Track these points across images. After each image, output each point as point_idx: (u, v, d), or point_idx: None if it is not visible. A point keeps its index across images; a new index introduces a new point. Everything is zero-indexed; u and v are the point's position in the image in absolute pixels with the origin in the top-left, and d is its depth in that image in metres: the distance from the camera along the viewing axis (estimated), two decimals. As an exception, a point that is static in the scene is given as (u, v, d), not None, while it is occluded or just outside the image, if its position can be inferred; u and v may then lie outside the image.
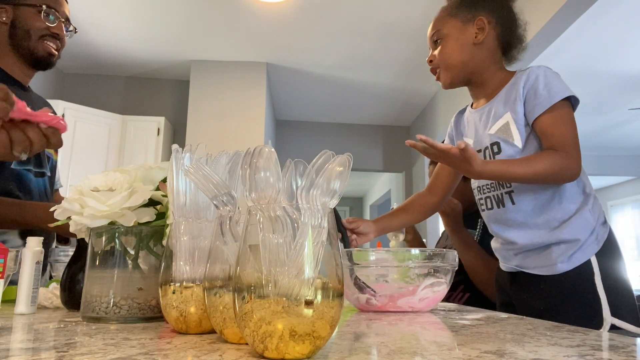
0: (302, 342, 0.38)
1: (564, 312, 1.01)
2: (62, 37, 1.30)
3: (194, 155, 0.58)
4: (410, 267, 0.83)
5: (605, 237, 1.05)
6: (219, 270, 0.48)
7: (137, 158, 4.15)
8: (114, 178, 0.68)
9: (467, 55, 1.13)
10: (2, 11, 1.25)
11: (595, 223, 1.05)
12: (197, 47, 4.05)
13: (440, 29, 1.15)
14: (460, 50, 1.13)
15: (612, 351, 0.43)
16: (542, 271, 1.07)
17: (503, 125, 1.09)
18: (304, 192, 0.42)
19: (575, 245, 1.03)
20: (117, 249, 0.66)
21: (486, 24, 1.12)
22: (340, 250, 0.54)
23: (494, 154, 1.11)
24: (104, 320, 0.62)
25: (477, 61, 1.14)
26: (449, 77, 1.16)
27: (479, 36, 1.12)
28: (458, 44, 1.13)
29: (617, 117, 5.21)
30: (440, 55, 1.15)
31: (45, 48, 1.27)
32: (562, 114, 1.02)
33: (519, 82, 1.08)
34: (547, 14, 2.65)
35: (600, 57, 3.88)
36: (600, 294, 1.00)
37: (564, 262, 1.03)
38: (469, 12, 1.13)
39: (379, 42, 3.84)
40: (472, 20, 1.13)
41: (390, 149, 5.90)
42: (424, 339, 0.53)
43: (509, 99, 1.10)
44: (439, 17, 1.18)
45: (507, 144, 1.08)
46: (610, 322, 0.98)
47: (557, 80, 1.06)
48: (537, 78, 1.06)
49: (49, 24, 1.26)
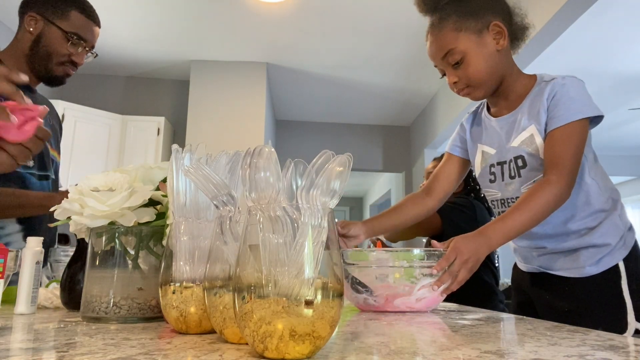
0: (302, 342, 0.38)
1: (589, 315, 1.01)
2: (80, 64, 1.29)
3: (194, 155, 0.58)
4: (414, 267, 0.83)
5: (632, 242, 1.05)
6: (219, 270, 0.48)
7: (137, 158, 4.14)
8: (114, 178, 0.68)
9: (495, 65, 1.05)
10: (33, 21, 1.23)
11: (624, 228, 1.05)
12: (197, 47, 4.05)
13: (453, 47, 1.04)
14: (486, 63, 1.04)
15: (612, 351, 0.43)
16: (569, 273, 1.06)
17: (528, 138, 1.05)
18: (304, 192, 0.42)
19: (605, 249, 1.03)
20: (117, 249, 0.66)
21: (503, 27, 1.04)
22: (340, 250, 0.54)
23: (519, 168, 1.07)
24: (104, 320, 0.62)
25: (502, 67, 1.07)
26: (482, 93, 1.09)
27: (501, 41, 1.04)
28: (482, 58, 1.04)
29: (617, 117, 5.21)
30: (465, 74, 1.05)
31: (63, 71, 1.26)
32: (573, 132, 0.98)
33: (544, 94, 1.02)
34: (547, 14, 2.65)
35: (600, 57, 3.88)
36: (626, 298, 1.00)
37: (593, 266, 1.03)
38: (478, 21, 1.04)
39: (379, 42, 3.84)
40: (486, 27, 1.04)
41: (390, 149, 5.90)
42: (424, 339, 0.53)
43: (532, 110, 1.05)
44: (443, 35, 1.05)
45: (532, 157, 1.04)
46: (635, 327, 0.98)
47: (581, 95, 1.01)
48: (562, 90, 1.01)
49: (73, 52, 1.24)
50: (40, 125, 0.68)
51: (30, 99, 1.30)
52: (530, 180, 1.06)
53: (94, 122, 4.06)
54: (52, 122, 1.36)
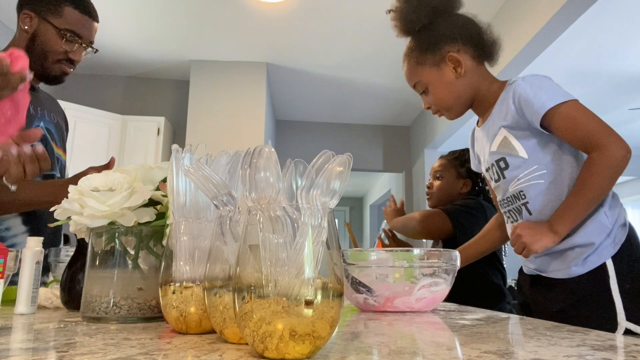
0: (302, 342, 0.38)
1: (577, 316, 1.00)
2: (78, 61, 1.26)
3: (194, 155, 0.58)
4: (414, 267, 0.83)
5: (623, 239, 1.03)
6: (219, 270, 0.48)
7: (137, 158, 4.15)
8: (114, 178, 0.68)
9: (457, 90, 1.14)
10: (27, 19, 1.21)
11: (612, 225, 1.03)
12: (197, 47, 4.05)
13: (418, 80, 1.16)
14: (448, 90, 1.13)
15: (612, 351, 0.43)
16: (558, 274, 1.06)
17: (502, 141, 1.10)
18: (304, 192, 0.42)
19: (589, 249, 1.02)
20: (117, 249, 0.66)
21: (458, 56, 1.11)
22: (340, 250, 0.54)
23: (502, 169, 1.12)
24: (104, 320, 0.62)
25: (469, 88, 1.14)
26: (454, 114, 1.18)
27: (459, 70, 1.12)
28: (444, 87, 1.13)
29: (617, 117, 5.21)
30: (433, 101, 1.16)
31: (60, 69, 1.24)
32: (566, 114, 1.00)
33: (508, 98, 1.07)
34: (547, 14, 2.65)
35: (600, 57, 3.88)
36: (615, 297, 0.99)
37: (578, 266, 1.03)
38: (435, 53, 1.12)
39: (379, 42, 3.84)
40: (443, 60, 1.12)
41: (390, 149, 5.90)
42: (424, 339, 0.53)
43: (500, 115, 1.10)
44: (409, 68, 1.17)
45: (512, 157, 1.09)
46: (624, 327, 0.97)
47: (546, 87, 1.04)
48: (524, 90, 1.04)
49: (69, 49, 1.22)
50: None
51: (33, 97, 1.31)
52: (515, 179, 1.10)
53: (94, 122, 4.06)
54: (57, 119, 1.35)
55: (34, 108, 1.25)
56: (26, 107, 0.89)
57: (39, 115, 1.26)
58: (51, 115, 1.32)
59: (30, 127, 1.22)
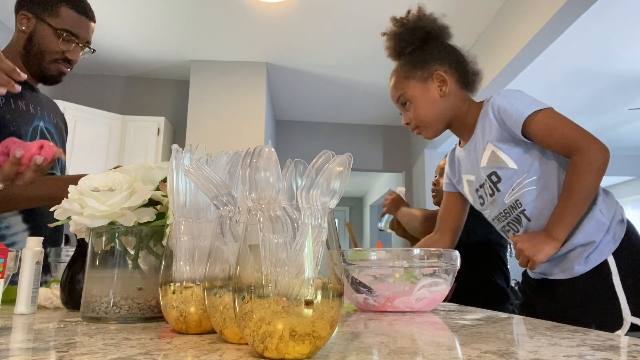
0: (302, 342, 0.38)
1: (581, 314, 1.02)
2: (75, 61, 1.27)
3: (194, 155, 0.58)
4: (414, 267, 0.83)
5: (622, 235, 1.05)
6: (219, 270, 0.48)
7: (137, 158, 4.15)
8: (114, 178, 0.68)
9: (439, 109, 1.17)
10: (25, 19, 1.22)
11: (610, 222, 1.05)
12: (197, 47, 4.05)
13: (403, 93, 1.19)
14: (430, 107, 1.17)
15: (612, 351, 0.43)
16: (562, 275, 1.08)
17: (490, 155, 1.13)
18: (304, 192, 0.42)
19: (590, 247, 1.04)
20: (117, 249, 0.66)
21: (445, 75, 1.15)
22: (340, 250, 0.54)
23: (495, 183, 1.14)
24: (104, 320, 0.62)
25: (450, 110, 1.18)
26: (431, 133, 1.22)
27: (443, 89, 1.16)
28: (426, 103, 1.17)
29: (617, 117, 5.21)
30: (414, 116, 1.19)
31: (56, 69, 1.24)
32: (542, 122, 1.03)
33: (489, 113, 1.11)
34: (547, 14, 2.65)
35: (600, 57, 3.88)
36: (619, 293, 1.00)
37: (581, 265, 1.04)
38: (424, 70, 1.16)
39: (379, 42, 3.82)
40: (431, 77, 1.16)
41: (390, 149, 5.90)
42: (424, 339, 0.53)
43: (484, 130, 1.13)
44: (396, 81, 1.21)
45: (503, 170, 1.11)
46: (630, 322, 0.98)
47: (520, 98, 1.08)
48: (501, 103, 1.09)
49: (65, 49, 1.23)
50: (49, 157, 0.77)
51: (32, 97, 1.31)
52: (509, 189, 1.11)
53: (94, 122, 4.06)
54: (56, 120, 1.35)
55: (34, 107, 1.25)
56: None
57: (38, 114, 1.27)
58: (51, 115, 1.32)
59: (30, 126, 1.22)
